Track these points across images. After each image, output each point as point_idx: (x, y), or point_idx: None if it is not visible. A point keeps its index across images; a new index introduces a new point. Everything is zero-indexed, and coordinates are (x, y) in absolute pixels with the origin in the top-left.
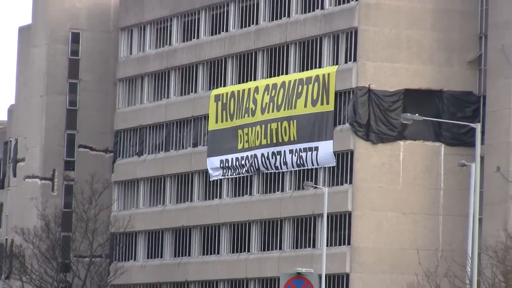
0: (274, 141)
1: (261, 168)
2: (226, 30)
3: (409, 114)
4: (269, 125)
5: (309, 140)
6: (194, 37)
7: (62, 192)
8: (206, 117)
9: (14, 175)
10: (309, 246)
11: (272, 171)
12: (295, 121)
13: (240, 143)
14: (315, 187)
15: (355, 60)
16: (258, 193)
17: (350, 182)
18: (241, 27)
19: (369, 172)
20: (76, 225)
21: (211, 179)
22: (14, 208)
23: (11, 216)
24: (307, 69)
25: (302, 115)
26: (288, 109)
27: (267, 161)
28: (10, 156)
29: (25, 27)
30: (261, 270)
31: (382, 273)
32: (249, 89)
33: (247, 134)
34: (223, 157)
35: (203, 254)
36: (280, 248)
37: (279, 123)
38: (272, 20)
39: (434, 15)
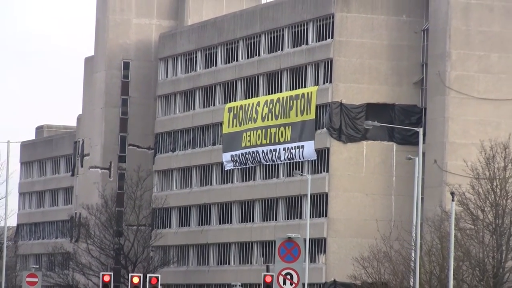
0: (272, 141)
1: (262, 161)
2: (237, 60)
3: (370, 121)
4: (269, 129)
5: (297, 140)
6: (213, 65)
7: (116, 178)
8: (221, 123)
9: (82, 166)
10: (297, 218)
11: (270, 163)
12: (290, 126)
13: (244, 142)
14: (302, 175)
15: (330, 82)
16: (260, 179)
17: (327, 171)
18: (248, 58)
19: (341, 163)
20: (127, 202)
21: (225, 169)
22: (81, 190)
23: (79, 196)
24: (295, 89)
25: (294, 122)
26: (284, 118)
27: (266, 156)
28: (79, 152)
29: (89, 58)
30: (262, 235)
31: (350, 237)
32: (253, 103)
33: (249, 136)
34: (234, 153)
35: (220, 224)
36: (276, 219)
37: (277, 128)
38: (270, 52)
39: (388, 49)
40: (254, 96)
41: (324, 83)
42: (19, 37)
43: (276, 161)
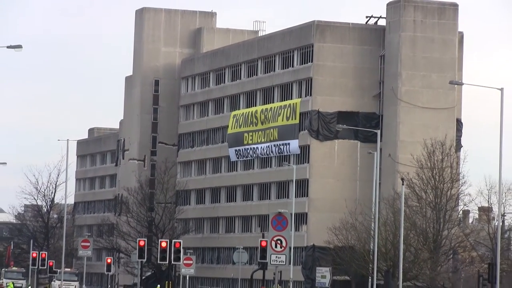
0: (266, 140)
1: (259, 154)
2: (240, 79)
3: (340, 125)
4: (267, 131)
5: (286, 139)
6: (222, 83)
7: (149, 168)
8: (227, 126)
9: (123, 158)
10: (285, 197)
11: (265, 156)
12: (280, 128)
13: (245, 140)
14: (289, 165)
15: (311, 95)
16: (257, 168)
17: (308, 162)
18: (248, 77)
19: (318, 157)
20: (157, 186)
21: (231, 160)
22: (122, 176)
23: (121, 181)
24: (284, 100)
25: (283, 125)
26: (275, 122)
27: (262, 151)
28: (121, 148)
29: (129, 76)
30: (259, 210)
31: (326, 212)
32: (252, 111)
33: (251, 135)
34: (237, 148)
35: (227, 202)
36: (270, 199)
37: (271, 129)
38: (265, 73)
39: (354, 70)
40: (253, 106)
41: (305, 96)
42: (78, 63)
43: (270, 155)
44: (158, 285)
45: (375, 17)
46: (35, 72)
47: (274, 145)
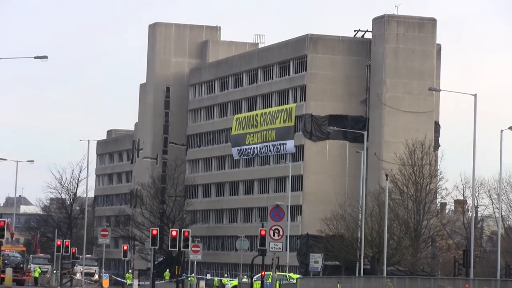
0: (265, 140)
1: (258, 153)
2: (242, 86)
3: (331, 127)
4: (265, 132)
5: (282, 139)
6: (226, 89)
7: (161, 165)
8: (230, 128)
9: (138, 157)
10: (282, 191)
11: (264, 155)
12: (277, 130)
13: (247, 141)
14: (285, 163)
15: (305, 100)
16: (257, 165)
17: (302, 160)
18: (249, 84)
19: (311, 155)
20: (168, 181)
21: (234, 159)
22: (137, 172)
23: (136, 177)
24: (281, 105)
25: (280, 127)
26: (273, 125)
27: (262, 150)
28: (136, 147)
29: (143, 84)
30: (259, 203)
31: (318, 204)
32: (253, 115)
33: (252, 136)
34: (239, 148)
35: (230, 195)
36: (268, 192)
37: (270, 131)
38: (264, 80)
39: (343, 78)
40: (253, 110)
41: (300, 101)
42: (98, 72)
43: (268, 154)
44: (167, 270)
45: (362, 31)
46: (60, 80)
47: (272, 145)
